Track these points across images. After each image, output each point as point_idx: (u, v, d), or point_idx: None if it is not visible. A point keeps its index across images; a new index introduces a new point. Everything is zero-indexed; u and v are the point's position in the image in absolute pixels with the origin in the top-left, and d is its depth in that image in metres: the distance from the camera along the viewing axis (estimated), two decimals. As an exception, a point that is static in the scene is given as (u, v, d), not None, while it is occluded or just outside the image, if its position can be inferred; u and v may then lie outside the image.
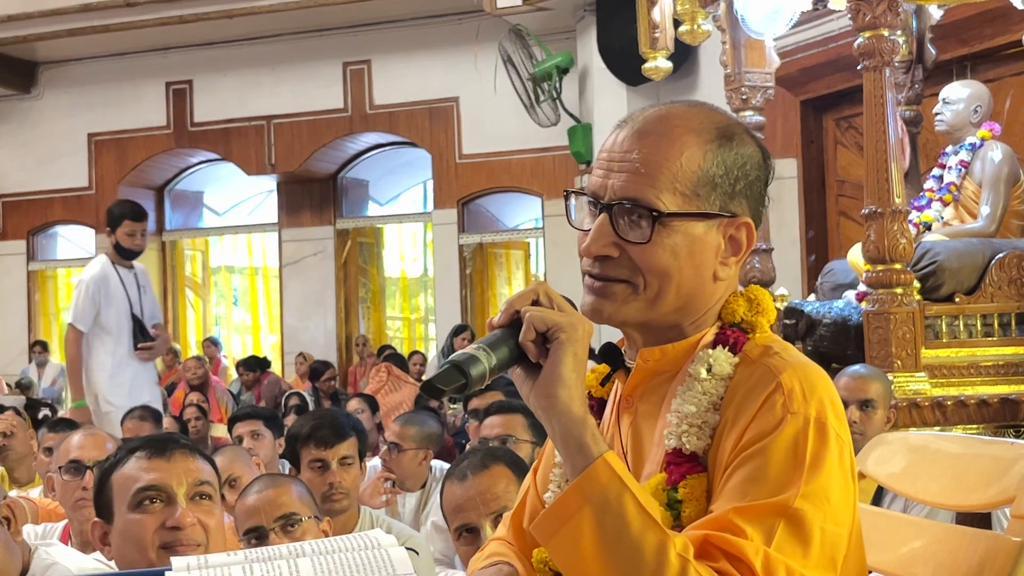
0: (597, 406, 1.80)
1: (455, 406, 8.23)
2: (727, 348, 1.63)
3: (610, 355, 1.75)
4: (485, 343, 1.52)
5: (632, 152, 1.64)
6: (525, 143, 12.22)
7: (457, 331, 10.91)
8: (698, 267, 1.64)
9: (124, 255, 6.89)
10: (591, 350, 1.56)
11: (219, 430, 8.24)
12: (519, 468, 3.06)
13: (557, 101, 11.42)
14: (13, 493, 4.56)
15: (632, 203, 1.61)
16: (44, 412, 8.36)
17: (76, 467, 3.68)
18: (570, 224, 1.70)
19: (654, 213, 1.60)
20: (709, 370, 1.61)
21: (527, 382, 1.54)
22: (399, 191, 14.75)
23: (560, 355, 1.51)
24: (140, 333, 6.88)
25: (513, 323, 1.54)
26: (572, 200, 1.71)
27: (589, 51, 11.05)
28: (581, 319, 1.54)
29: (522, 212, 13.71)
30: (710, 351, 1.63)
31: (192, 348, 14.42)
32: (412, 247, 15.20)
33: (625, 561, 1.43)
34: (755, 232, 1.68)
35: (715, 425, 1.58)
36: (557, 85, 11.37)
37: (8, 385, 12.65)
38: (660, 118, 1.67)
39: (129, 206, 7.08)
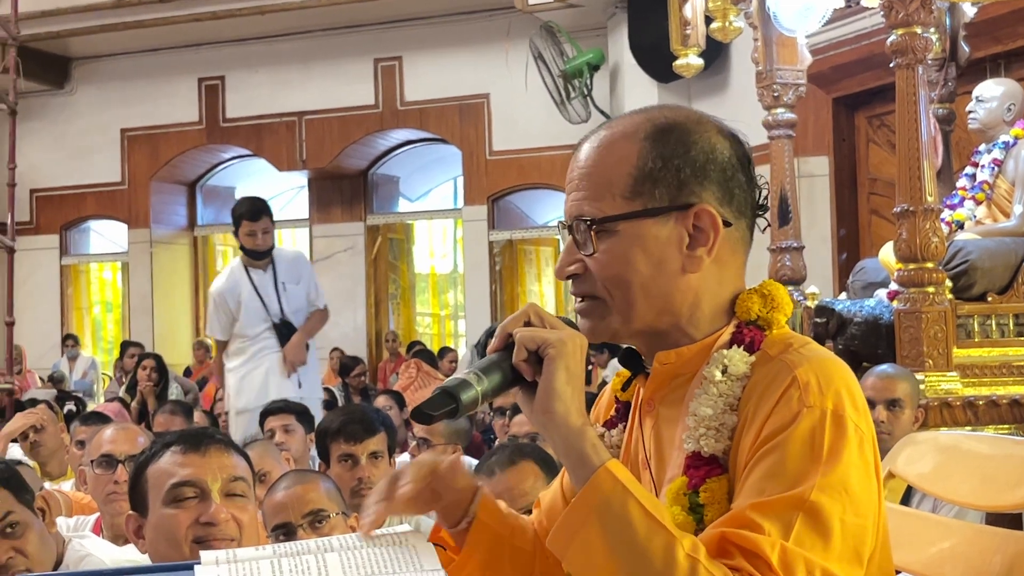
0: (623, 410, 1.80)
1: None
2: (743, 347, 1.62)
3: (631, 359, 1.74)
4: (478, 368, 1.54)
5: (575, 171, 1.67)
6: (555, 140, 12.21)
7: (493, 333, 10.92)
8: (659, 265, 1.62)
9: (252, 255, 6.77)
10: (619, 350, 1.56)
11: (249, 425, 8.28)
12: (547, 465, 3.07)
13: (588, 98, 11.42)
14: (47, 486, 4.60)
15: (579, 220, 1.63)
16: (69, 407, 8.40)
17: (108, 461, 3.71)
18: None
19: (588, 222, 1.62)
20: (724, 371, 1.59)
21: (527, 402, 1.56)
22: (429, 187, 14.78)
23: (552, 370, 1.51)
24: (285, 332, 6.75)
25: (508, 347, 1.56)
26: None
27: (620, 48, 11.04)
28: (572, 334, 1.55)
29: (552, 209, 13.70)
30: (725, 352, 1.62)
31: (223, 343, 14.47)
32: (442, 243, 15.22)
33: (634, 566, 1.44)
34: (719, 217, 1.62)
35: (733, 426, 1.57)
36: (588, 82, 11.37)
37: (41, 379, 12.75)
38: (598, 132, 1.69)
39: (246, 206, 6.83)
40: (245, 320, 6.74)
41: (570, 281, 1.68)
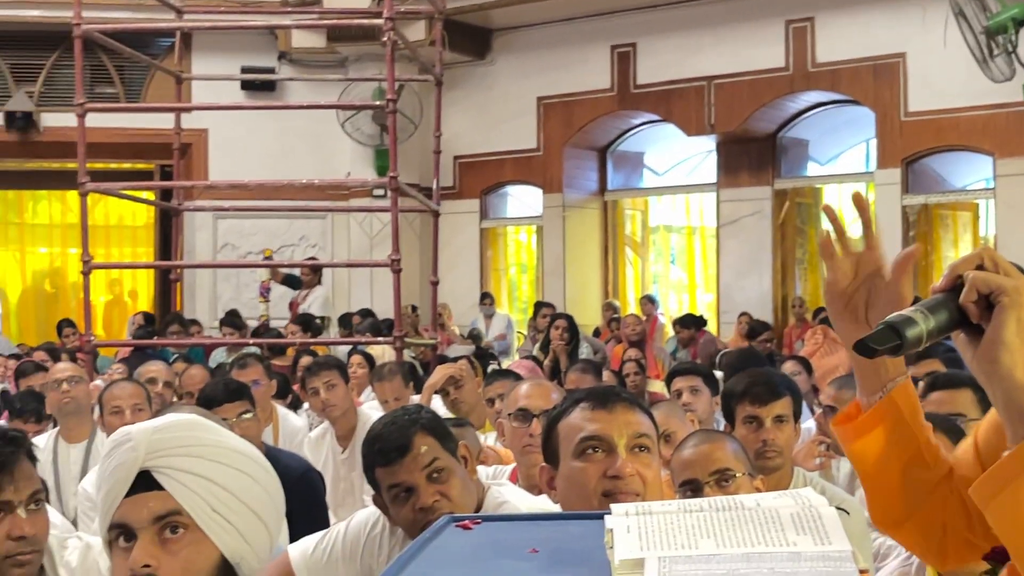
0: None
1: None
2: None
3: None
4: (924, 306, 1.50)
5: None
6: (976, 99, 11.63)
7: (912, 301, 10.59)
8: None
9: None
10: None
11: (655, 386, 8.44)
12: (953, 436, 2.97)
13: (1012, 55, 10.80)
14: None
15: None
16: (492, 366, 8.84)
17: (523, 415, 3.89)
18: None
19: None
20: None
21: (969, 347, 1.50)
22: (840, 151, 14.43)
23: (1003, 319, 1.45)
24: None
25: (955, 288, 1.51)
26: None
27: (1050, 0, 10.38)
28: None
29: (971, 172, 13.07)
30: None
31: (631, 305, 14.79)
32: (852, 208, 14.80)
33: None
34: None
35: None
36: (1013, 38, 10.76)
37: (461, 335, 13.47)
38: None
39: None
40: None
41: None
